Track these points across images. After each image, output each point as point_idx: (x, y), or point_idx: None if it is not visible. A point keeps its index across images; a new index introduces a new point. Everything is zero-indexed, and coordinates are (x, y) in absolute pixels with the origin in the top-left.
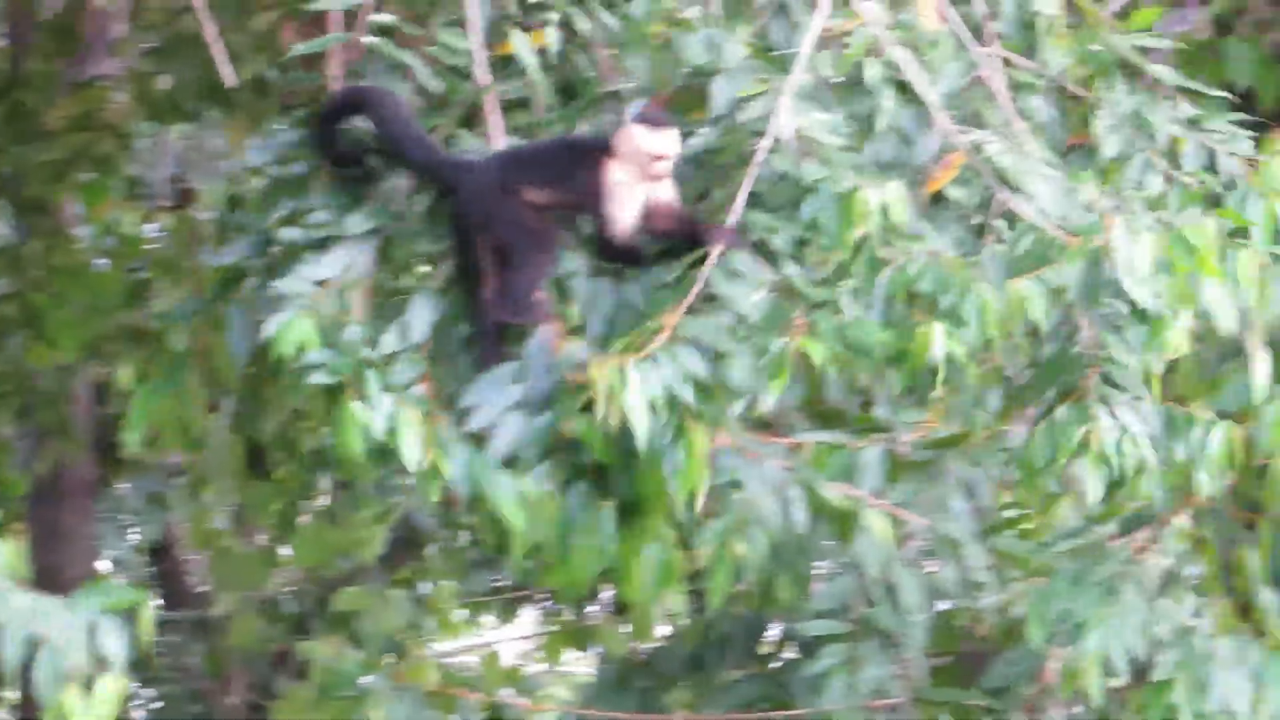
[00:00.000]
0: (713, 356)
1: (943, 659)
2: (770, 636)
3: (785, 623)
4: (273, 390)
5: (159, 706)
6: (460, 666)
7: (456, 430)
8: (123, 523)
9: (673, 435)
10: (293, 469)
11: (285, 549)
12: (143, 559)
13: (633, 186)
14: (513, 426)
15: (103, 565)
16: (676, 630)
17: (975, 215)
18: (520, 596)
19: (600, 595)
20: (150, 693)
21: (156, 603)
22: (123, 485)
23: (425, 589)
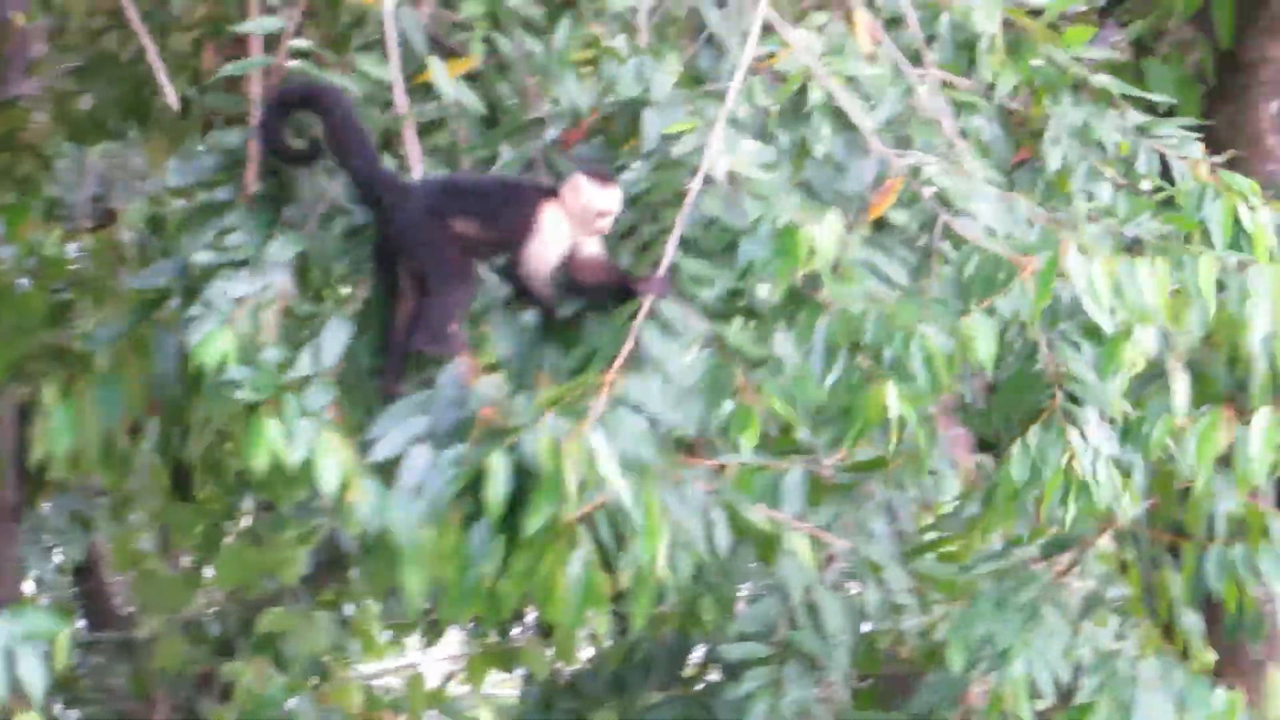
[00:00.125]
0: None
1: (865, 682)
2: (694, 659)
3: (709, 645)
4: (198, 412)
5: None
6: (385, 688)
7: (360, 460)
8: (46, 543)
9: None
10: (217, 490)
11: (209, 570)
12: (66, 579)
13: (564, 235)
14: (419, 459)
15: (26, 586)
16: (600, 652)
17: (920, 238)
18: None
19: (525, 617)
20: (74, 714)
21: (80, 623)
22: (45, 504)
23: (350, 610)
